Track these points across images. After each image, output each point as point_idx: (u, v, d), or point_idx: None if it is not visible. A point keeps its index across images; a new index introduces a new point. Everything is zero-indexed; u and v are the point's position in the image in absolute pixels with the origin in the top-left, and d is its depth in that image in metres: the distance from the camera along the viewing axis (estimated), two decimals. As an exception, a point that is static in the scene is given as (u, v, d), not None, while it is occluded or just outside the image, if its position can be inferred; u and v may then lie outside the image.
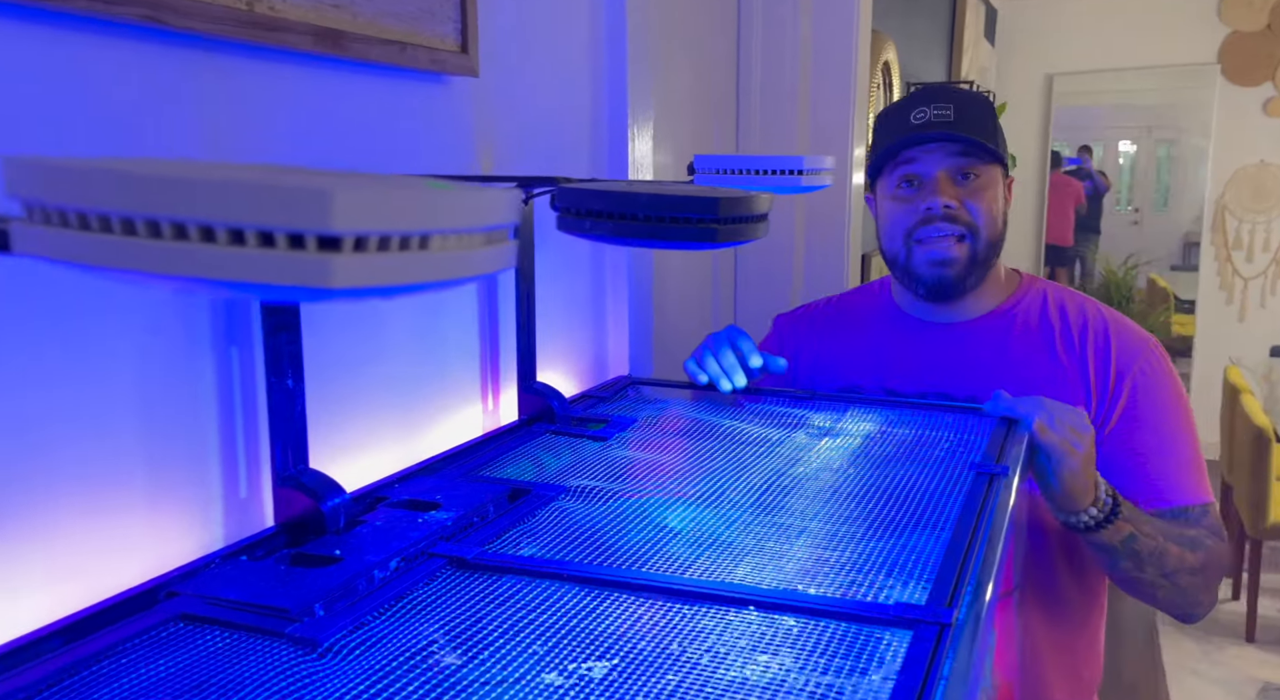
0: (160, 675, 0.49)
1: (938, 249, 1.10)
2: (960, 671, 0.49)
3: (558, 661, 0.51)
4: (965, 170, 1.09)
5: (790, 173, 0.78)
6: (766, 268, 1.66)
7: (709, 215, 0.51)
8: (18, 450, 0.55)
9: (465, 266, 0.25)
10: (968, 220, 1.09)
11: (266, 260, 0.21)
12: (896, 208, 1.12)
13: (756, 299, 1.67)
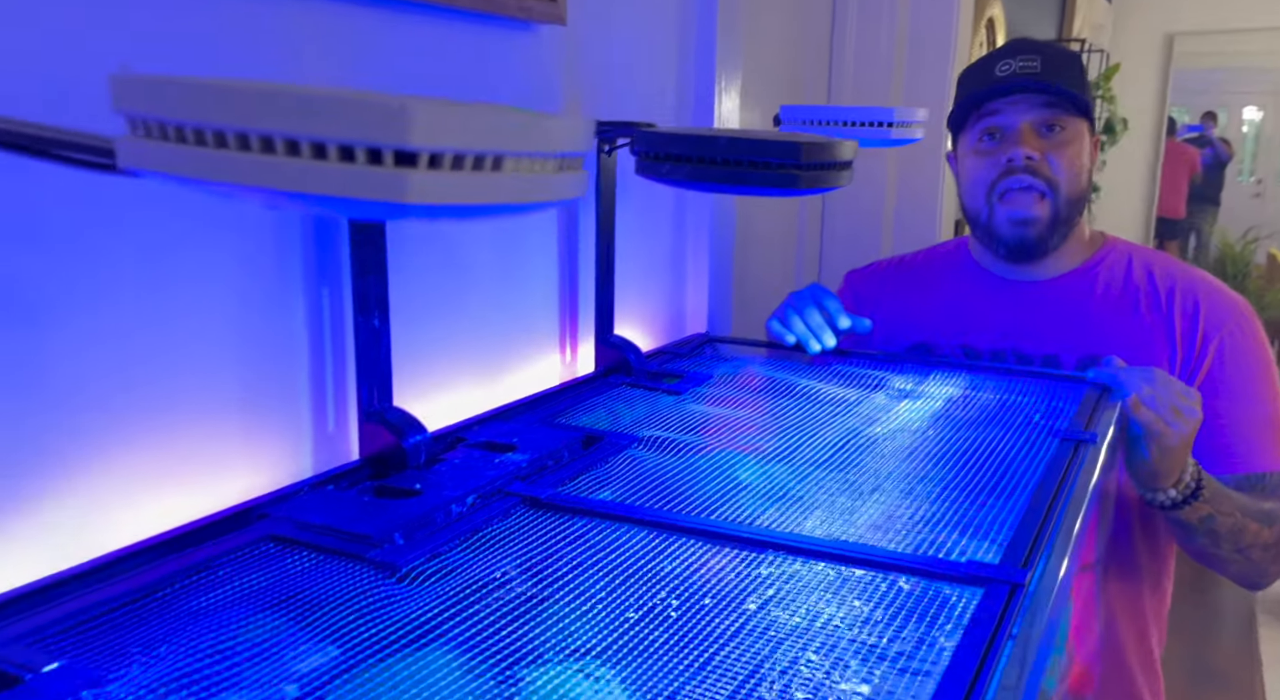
0: (250, 588, 0.52)
1: (1019, 208, 1.07)
2: (1029, 633, 0.49)
3: (624, 598, 0.52)
4: (1050, 122, 1.06)
5: (879, 125, 0.76)
6: (854, 227, 1.63)
7: (790, 160, 0.51)
8: (133, 379, 0.58)
9: (537, 191, 0.26)
10: (1049, 174, 1.06)
11: (346, 174, 0.22)
12: (978, 162, 1.09)
13: (842, 259, 1.63)
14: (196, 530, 0.57)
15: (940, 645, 0.47)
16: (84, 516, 0.56)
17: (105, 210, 0.56)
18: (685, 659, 0.46)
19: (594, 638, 0.48)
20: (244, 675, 0.45)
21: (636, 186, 1.10)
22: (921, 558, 0.57)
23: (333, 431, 0.73)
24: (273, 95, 0.22)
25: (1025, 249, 1.10)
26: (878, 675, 0.45)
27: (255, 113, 0.22)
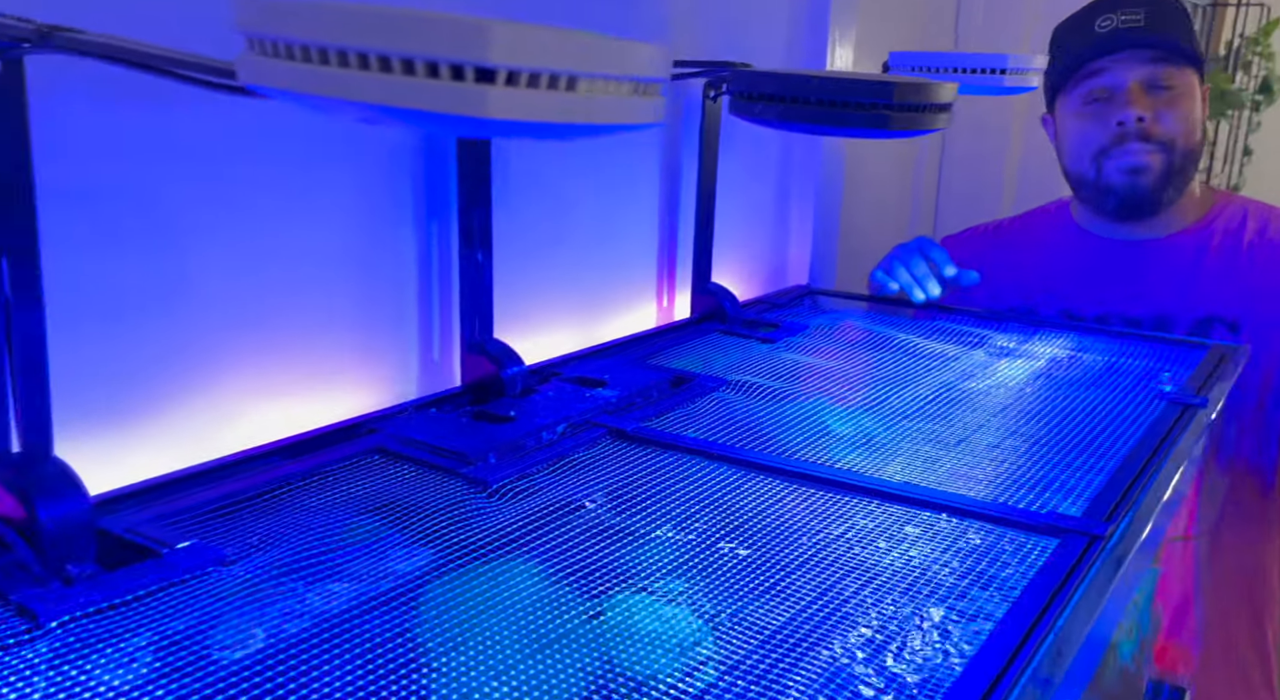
0: (355, 494, 0.57)
1: (1133, 157, 1.02)
2: (1102, 588, 0.48)
3: (700, 528, 0.55)
4: (1160, 78, 1.01)
5: (991, 71, 0.74)
6: (973, 183, 1.58)
7: (881, 100, 0.50)
8: (261, 297, 0.63)
9: (611, 112, 0.27)
10: (1163, 134, 1.01)
11: (431, 89, 0.24)
12: (1083, 125, 1.05)
13: (960, 217, 1.58)
14: (312, 439, 0.63)
15: (1006, 591, 0.48)
16: (215, 419, 0.62)
17: (243, 140, 0.61)
18: (755, 586, 0.48)
19: (669, 562, 0.51)
20: (347, 568, 0.49)
21: (744, 136, 1.10)
22: (999, 505, 0.57)
23: (438, 360, 0.78)
24: (369, 15, 0.24)
25: (1138, 202, 1.05)
26: (938, 615, 0.46)
27: (354, 31, 0.24)
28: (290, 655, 0.40)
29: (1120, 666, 0.69)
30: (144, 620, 0.42)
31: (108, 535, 0.48)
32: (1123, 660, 0.71)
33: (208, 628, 0.43)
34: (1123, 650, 0.70)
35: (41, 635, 0.40)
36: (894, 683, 0.40)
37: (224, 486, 0.55)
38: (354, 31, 0.25)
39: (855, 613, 0.46)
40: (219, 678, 0.39)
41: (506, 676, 0.40)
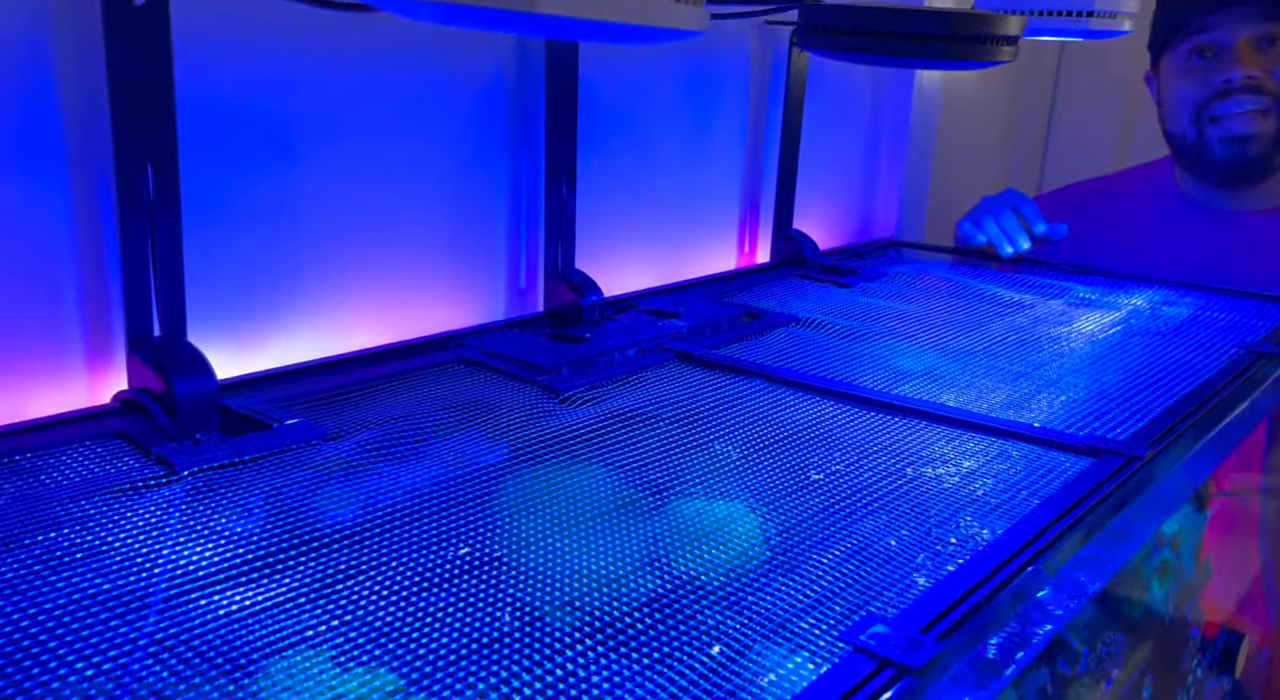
0: (443, 393, 0.63)
1: (1237, 124, 0.99)
2: (1133, 507, 0.50)
3: (755, 440, 0.58)
4: (1271, 35, 0.96)
5: (1079, 14, 0.73)
6: (1085, 135, 1.53)
7: (935, 30, 0.52)
8: (367, 213, 0.70)
9: (650, 14, 0.31)
10: (1274, 90, 0.97)
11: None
12: (1187, 82, 1.01)
13: (1068, 176, 1.54)
14: (407, 346, 0.69)
15: (1033, 500, 0.50)
16: (320, 321, 0.69)
17: (355, 78, 0.67)
18: (806, 491, 0.52)
19: (728, 469, 0.55)
20: (430, 454, 0.55)
21: (833, 85, 1.11)
22: (1045, 429, 0.58)
23: (523, 287, 0.84)
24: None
25: (1241, 170, 1.01)
26: (966, 520, 0.49)
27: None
28: (380, 524, 0.46)
29: (1149, 602, 0.70)
30: (257, 479, 0.49)
31: (229, 412, 0.56)
32: (1153, 597, 0.71)
33: (310, 492, 0.49)
34: (1154, 588, 0.70)
35: (177, 480, 0.48)
36: (929, 551, 0.43)
37: (328, 380, 0.62)
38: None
39: (896, 507, 0.49)
40: (317, 536, 0.45)
41: (571, 554, 0.44)
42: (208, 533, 0.44)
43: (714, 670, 0.36)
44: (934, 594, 0.39)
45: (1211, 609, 0.78)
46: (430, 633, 0.38)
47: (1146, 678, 0.77)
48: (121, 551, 0.41)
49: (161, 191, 0.54)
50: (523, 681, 0.35)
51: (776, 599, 0.40)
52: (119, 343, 0.58)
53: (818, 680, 0.34)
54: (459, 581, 0.41)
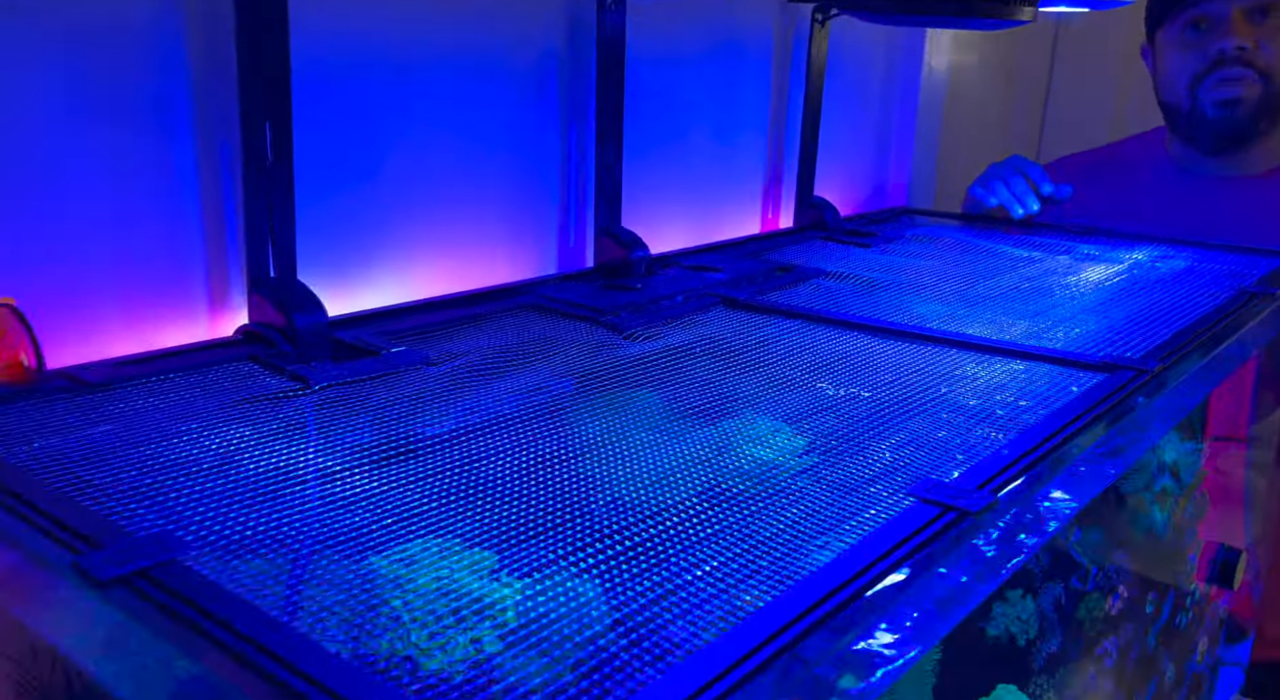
0: (517, 331, 0.70)
1: (1228, 89, 1.04)
2: (1133, 418, 0.56)
3: (796, 369, 0.65)
4: (1264, 6, 1.01)
5: (1083, -15, 0.80)
6: (1080, 111, 1.60)
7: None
8: (436, 180, 0.77)
9: None
10: (1264, 63, 1.02)
11: None
12: (1181, 54, 1.06)
13: (1065, 145, 1.61)
14: (481, 293, 0.76)
15: (1044, 410, 0.56)
16: (400, 269, 0.76)
17: (424, 55, 0.73)
18: (857, 402, 0.59)
19: (782, 387, 0.61)
20: (516, 377, 0.62)
21: (849, 61, 1.18)
22: (1063, 350, 0.65)
23: (573, 245, 0.90)
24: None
25: (1232, 134, 1.06)
26: (999, 417, 0.55)
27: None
28: (473, 437, 0.52)
29: (1151, 524, 0.77)
30: (373, 393, 0.56)
31: (339, 342, 0.62)
32: (1155, 521, 0.78)
33: (414, 408, 0.56)
34: (1155, 513, 0.77)
35: (311, 393, 0.55)
36: (973, 439, 0.50)
37: (417, 320, 0.69)
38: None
39: (937, 411, 0.56)
40: (419, 443, 0.50)
41: (636, 459, 0.50)
42: (338, 431, 0.50)
43: (794, 523, 0.42)
44: (986, 462, 0.46)
45: (1208, 535, 0.86)
46: (521, 516, 0.42)
47: (1149, 594, 0.85)
48: (278, 442, 0.48)
49: (277, 149, 0.60)
50: (606, 544, 0.40)
51: (846, 473, 0.47)
52: (235, 284, 0.64)
53: (895, 518, 0.41)
54: (544, 474, 0.47)
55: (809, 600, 0.33)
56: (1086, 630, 0.73)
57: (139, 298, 0.61)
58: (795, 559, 0.38)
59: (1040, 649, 0.66)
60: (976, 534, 0.41)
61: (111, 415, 0.48)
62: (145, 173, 0.60)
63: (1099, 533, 0.71)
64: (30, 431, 0.46)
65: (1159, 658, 0.90)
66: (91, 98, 0.56)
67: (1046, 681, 0.68)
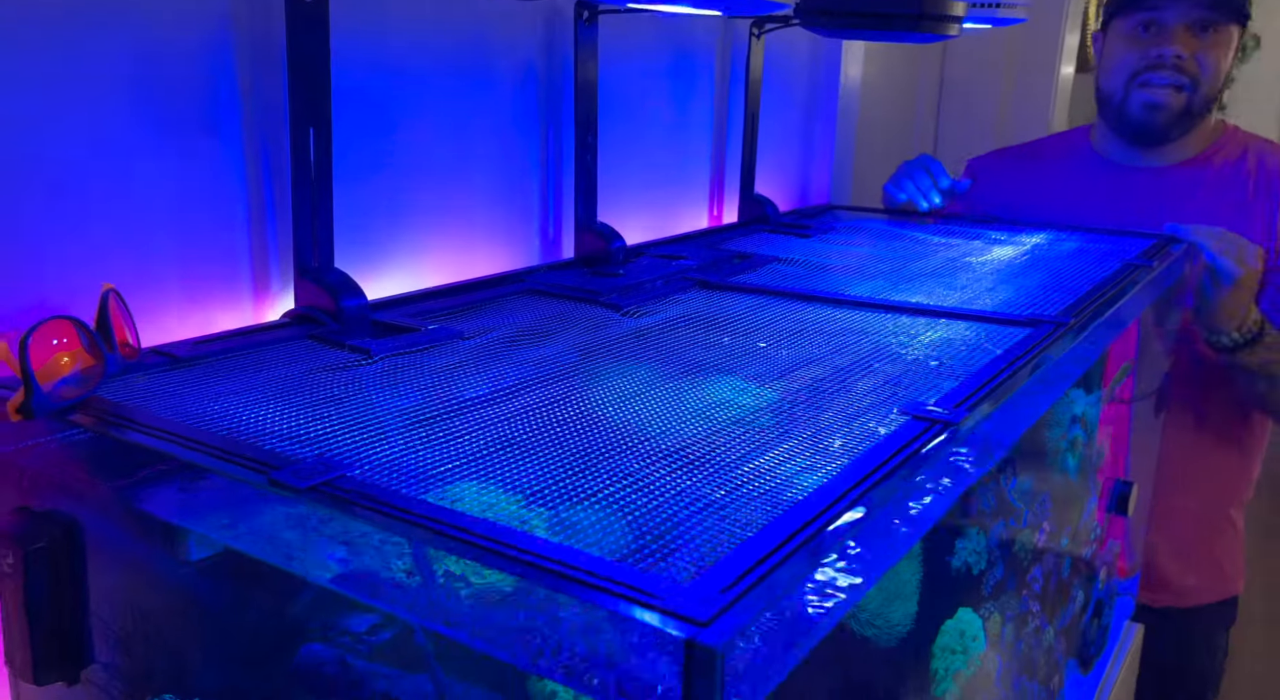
0: (530, 311, 0.78)
1: (1156, 94, 1.16)
2: (1048, 368, 0.68)
3: (782, 334, 0.76)
4: (1206, 23, 1.13)
5: (988, 5, 0.94)
6: (969, 114, 1.78)
7: (911, 9, 0.71)
8: (432, 175, 0.84)
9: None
10: (1194, 72, 1.14)
11: None
12: (1127, 49, 1.18)
13: (958, 145, 1.79)
14: (485, 280, 0.84)
15: (979, 360, 0.68)
16: (407, 258, 0.83)
17: (424, 64, 0.81)
18: (835, 354, 0.69)
19: (733, 359, 0.71)
20: (539, 347, 0.70)
21: (775, 74, 1.31)
22: (993, 311, 0.78)
23: (551, 237, 0.99)
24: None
25: (1151, 133, 1.19)
26: (949, 360, 0.67)
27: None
28: (502, 398, 0.59)
29: (1066, 468, 0.91)
30: (422, 361, 0.64)
31: (377, 322, 0.70)
32: (1069, 465, 0.92)
33: (453, 374, 0.64)
34: (1069, 459, 0.92)
35: (373, 362, 0.62)
36: (938, 377, 0.62)
37: (439, 302, 0.77)
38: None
39: (895, 360, 0.67)
40: (458, 404, 0.57)
41: (635, 406, 0.59)
42: (403, 391, 0.58)
43: (808, 441, 0.52)
44: (961, 389, 0.57)
45: (1106, 476, 1.01)
46: (522, 470, 0.47)
47: (1065, 529, 0.99)
48: (357, 399, 0.55)
49: (320, 150, 0.67)
50: (624, 486, 0.45)
51: (845, 404, 0.58)
52: (275, 272, 0.71)
53: (897, 430, 0.51)
54: (567, 427, 0.54)
55: (857, 476, 0.43)
56: (1021, 561, 0.86)
57: (194, 286, 0.66)
58: (823, 460, 0.48)
59: (989, 578, 0.79)
60: (960, 440, 0.52)
61: (214, 382, 0.55)
62: (198, 175, 0.65)
63: (1030, 480, 0.84)
64: (160, 396, 0.52)
65: (1071, 584, 1.05)
66: (154, 109, 0.62)
67: (993, 605, 0.81)
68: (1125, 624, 1.31)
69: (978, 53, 1.78)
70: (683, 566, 0.37)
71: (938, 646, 0.74)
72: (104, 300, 0.51)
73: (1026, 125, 1.82)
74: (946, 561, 0.73)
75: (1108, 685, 1.17)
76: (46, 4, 0.56)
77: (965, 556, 0.77)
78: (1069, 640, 1.07)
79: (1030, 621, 0.94)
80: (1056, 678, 1.05)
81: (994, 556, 0.79)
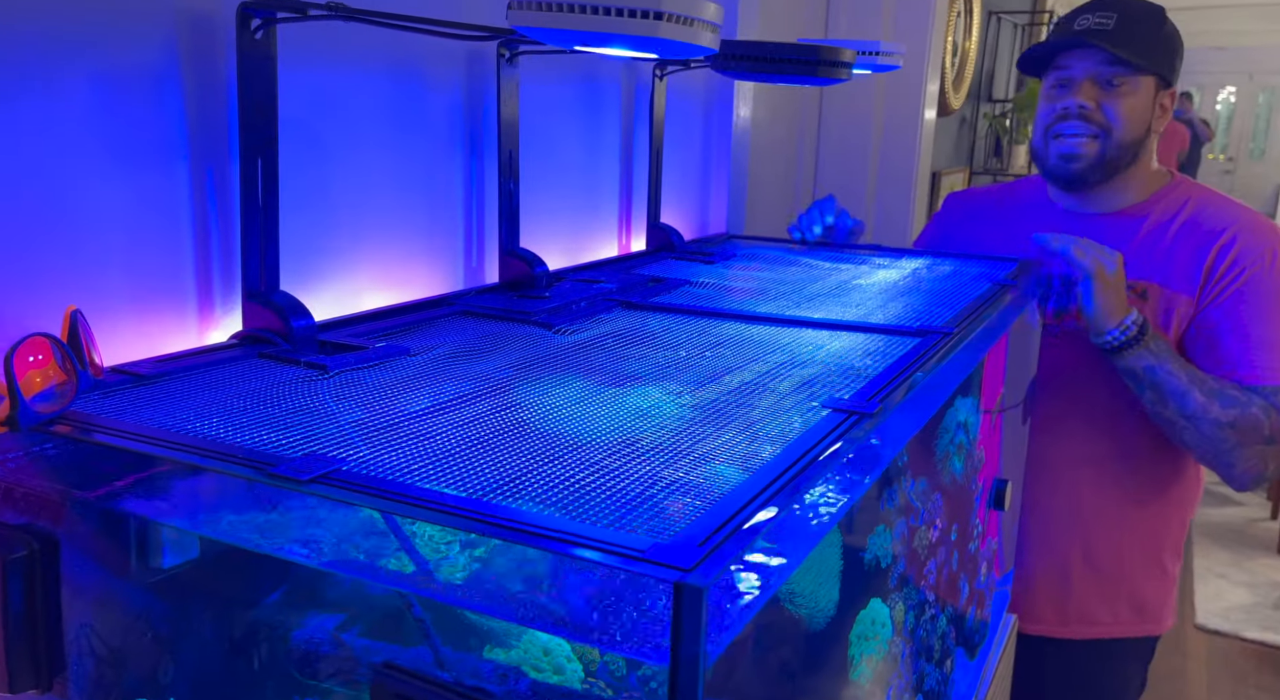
0: (466, 330, 0.82)
1: (1069, 145, 1.25)
2: (937, 374, 0.77)
3: (684, 349, 0.82)
4: (1112, 77, 1.21)
5: (869, 54, 1.05)
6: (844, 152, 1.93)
7: (812, 58, 0.80)
8: (368, 203, 0.88)
9: (707, 40, 0.54)
10: (1101, 121, 1.23)
11: (628, 23, 0.51)
12: (1043, 105, 1.29)
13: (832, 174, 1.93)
14: (419, 303, 0.88)
15: (876, 368, 0.77)
16: (337, 282, 0.86)
17: (360, 101, 0.85)
18: (753, 363, 0.76)
19: (664, 368, 0.78)
20: (478, 364, 0.75)
21: (673, 113, 1.39)
22: (886, 325, 0.87)
23: (475, 265, 1.03)
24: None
25: (1072, 181, 1.28)
26: (855, 365, 0.75)
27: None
28: (456, 406, 0.63)
29: (953, 470, 1.01)
30: (371, 375, 0.67)
31: (325, 342, 0.72)
32: (955, 468, 1.03)
33: (400, 386, 0.67)
34: (955, 462, 1.02)
35: (330, 377, 0.65)
36: (845, 379, 0.69)
37: (380, 323, 0.80)
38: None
39: (807, 365, 0.75)
40: (415, 413, 0.61)
41: (582, 410, 0.64)
42: (361, 402, 0.61)
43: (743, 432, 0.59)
44: (869, 387, 0.65)
45: (984, 477, 1.12)
46: (495, 464, 0.51)
47: (953, 526, 1.10)
48: (320, 411, 0.58)
49: (267, 179, 0.70)
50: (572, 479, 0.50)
51: (769, 403, 0.65)
52: (218, 296, 0.73)
53: (820, 421, 0.58)
54: (510, 434, 0.58)
55: (791, 460, 0.50)
56: (919, 555, 0.95)
57: (143, 308, 0.68)
58: (757, 447, 0.55)
59: (893, 571, 0.87)
60: (873, 426, 0.60)
61: (182, 397, 0.57)
62: (147, 201, 0.67)
63: (925, 481, 0.94)
64: (132, 410, 0.54)
65: (958, 577, 1.16)
66: (109, 136, 0.64)
67: (897, 596, 0.89)
68: (1003, 616, 1.43)
69: (852, 96, 1.93)
70: (661, 529, 0.42)
71: (854, 634, 0.81)
72: (73, 320, 0.53)
73: (896, 161, 1.99)
74: (860, 556, 0.80)
75: (989, 670, 1.27)
76: (8, 26, 0.57)
77: (875, 551, 0.85)
78: (958, 629, 1.17)
79: (927, 610, 1.03)
80: (949, 662, 1.14)
81: (897, 552, 0.88)
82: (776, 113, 1.74)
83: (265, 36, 0.68)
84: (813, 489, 0.50)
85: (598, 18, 0.50)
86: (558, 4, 0.51)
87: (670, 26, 0.51)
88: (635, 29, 0.51)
